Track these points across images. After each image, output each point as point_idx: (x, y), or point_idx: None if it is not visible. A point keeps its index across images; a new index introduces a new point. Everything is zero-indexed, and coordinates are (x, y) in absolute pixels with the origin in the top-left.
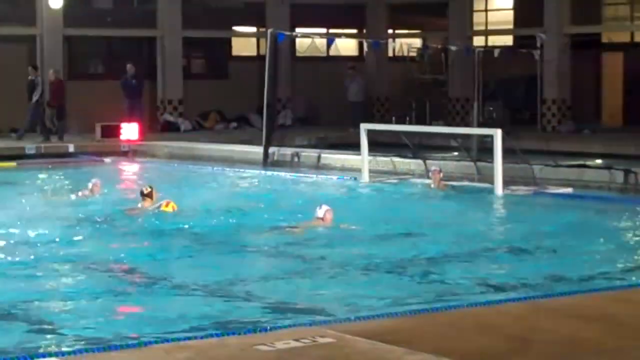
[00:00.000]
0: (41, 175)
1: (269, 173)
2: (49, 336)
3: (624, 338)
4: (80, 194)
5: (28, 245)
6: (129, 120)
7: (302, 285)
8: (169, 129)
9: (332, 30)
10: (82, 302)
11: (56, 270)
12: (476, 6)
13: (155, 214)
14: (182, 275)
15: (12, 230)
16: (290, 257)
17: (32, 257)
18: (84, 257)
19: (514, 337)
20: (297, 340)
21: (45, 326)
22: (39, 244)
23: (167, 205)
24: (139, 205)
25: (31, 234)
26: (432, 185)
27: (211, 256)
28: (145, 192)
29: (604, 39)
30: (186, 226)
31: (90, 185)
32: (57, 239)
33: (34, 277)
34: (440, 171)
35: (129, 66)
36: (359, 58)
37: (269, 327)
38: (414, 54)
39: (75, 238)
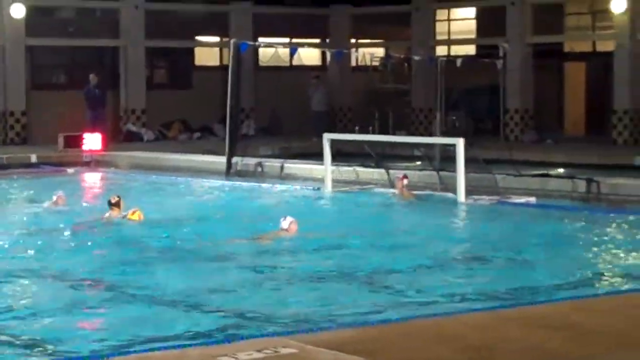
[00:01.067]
0: (3, 186)
1: (233, 183)
2: (8, 350)
3: (589, 347)
4: (45, 205)
5: None
6: (92, 131)
7: (265, 295)
8: (132, 139)
9: (295, 40)
10: (43, 315)
11: (18, 283)
12: (439, 16)
13: (121, 224)
14: (145, 285)
15: None
16: (253, 268)
17: None
18: (46, 269)
19: (477, 347)
20: (259, 351)
21: (6, 339)
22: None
23: (133, 214)
24: (107, 214)
25: None
26: (397, 192)
27: (174, 266)
28: (113, 201)
29: (566, 49)
30: (150, 236)
31: (54, 197)
32: (19, 250)
33: None
34: (404, 177)
35: (91, 76)
36: (322, 68)
37: (231, 338)
38: (377, 64)
39: (37, 249)
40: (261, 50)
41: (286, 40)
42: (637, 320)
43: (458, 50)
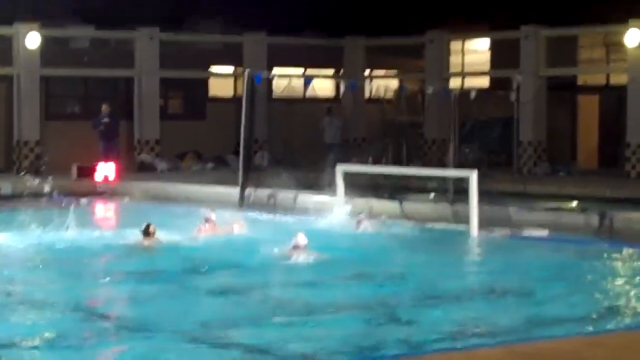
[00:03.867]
0: (17, 216)
1: (247, 214)
2: None
3: None
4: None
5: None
6: (105, 161)
7: (272, 329)
8: (146, 170)
9: (309, 71)
10: (40, 346)
11: (30, 312)
12: (453, 48)
13: (146, 254)
14: (149, 319)
15: None
16: (258, 299)
17: (5, 297)
18: (51, 300)
19: None
20: None
21: None
22: (13, 284)
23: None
24: (146, 242)
25: (6, 274)
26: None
27: (185, 298)
28: (150, 230)
29: (580, 82)
30: (166, 266)
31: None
32: (29, 280)
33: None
34: (362, 220)
35: (104, 106)
36: (336, 99)
37: None
38: (391, 96)
39: (43, 279)
40: (275, 81)
41: (300, 71)
42: None
43: (472, 82)
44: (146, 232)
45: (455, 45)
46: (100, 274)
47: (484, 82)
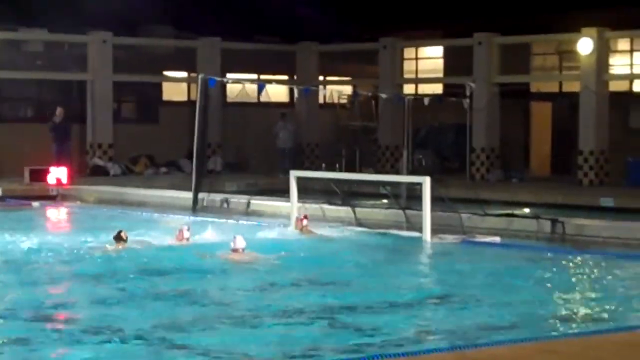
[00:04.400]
0: None
1: (198, 219)
2: None
3: None
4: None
5: None
6: (58, 164)
7: (219, 332)
8: (98, 173)
9: (263, 76)
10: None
11: None
12: (406, 54)
13: (118, 257)
14: (110, 322)
15: None
16: (221, 304)
17: None
18: (4, 302)
19: None
20: None
21: None
22: None
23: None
24: (111, 247)
25: None
26: (296, 230)
27: (153, 302)
28: (121, 235)
29: (533, 89)
30: (128, 270)
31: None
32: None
33: None
34: (305, 217)
35: (58, 110)
36: (290, 104)
37: None
38: (345, 101)
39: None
40: (229, 86)
41: (254, 76)
42: None
43: (425, 88)
44: (117, 238)
45: (408, 52)
46: (54, 278)
47: (437, 88)
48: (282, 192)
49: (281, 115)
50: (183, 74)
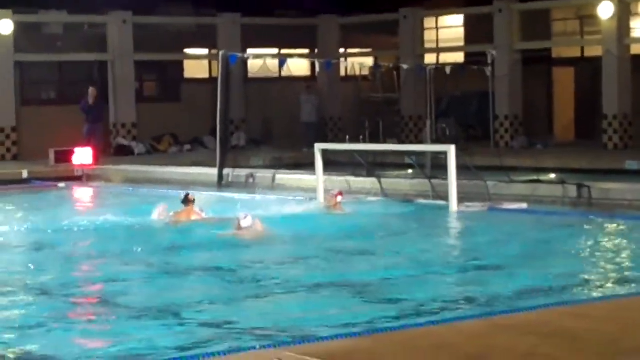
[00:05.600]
0: None
1: (225, 194)
2: None
3: (582, 353)
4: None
5: None
6: (88, 144)
7: (257, 306)
8: (123, 153)
9: (284, 51)
10: (23, 328)
11: (6, 295)
12: (427, 24)
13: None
14: (132, 298)
15: None
16: (241, 278)
17: None
18: (32, 282)
19: (471, 356)
20: None
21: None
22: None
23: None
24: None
25: None
26: (329, 207)
27: (163, 278)
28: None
29: (555, 55)
30: (139, 248)
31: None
32: (6, 264)
33: None
34: (339, 194)
35: (91, 89)
36: (312, 78)
37: (226, 351)
38: (366, 73)
39: (27, 263)
40: (250, 62)
41: (275, 51)
42: (629, 325)
43: (447, 58)
44: (185, 201)
45: (429, 22)
46: (83, 257)
47: (459, 57)
48: (307, 166)
49: (306, 87)
50: (204, 51)
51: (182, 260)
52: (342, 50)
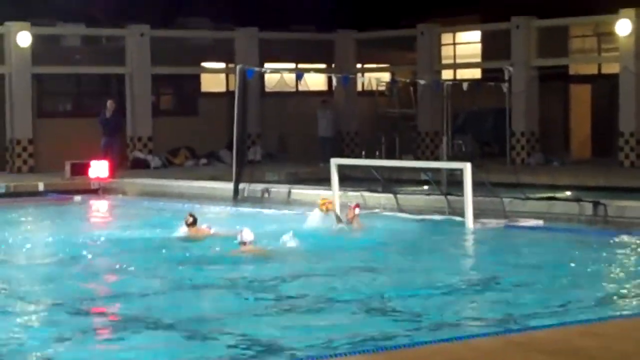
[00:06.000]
0: (13, 215)
1: (240, 209)
2: None
3: None
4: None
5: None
6: (105, 157)
7: (272, 321)
8: (139, 166)
9: (300, 65)
10: (40, 341)
11: (25, 309)
12: (444, 40)
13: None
14: (148, 313)
15: None
16: (256, 293)
17: (5, 295)
18: (48, 296)
19: None
20: None
21: None
22: (11, 282)
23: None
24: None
25: (4, 272)
26: (346, 221)
27: (178, 292)
28: (189, 222)
29: (572, 71)
30: (155, 262)
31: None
32: (24, 277)
33: (6, 314)
34: (357, 206)
35: (109, 102)
36: (328, 93)
37: None
38: (383, 89)
39: (46, 276)
40: (267, 76)
41: (292, 65)
42: None
43: (464, 74)
44: (188, 225)
45: (446, 38)
46: (100, 270)
47: (476, 73)
48: (323, 182)
49: (321, 103)
50: (221, 65)
51: (196, 275)
52: (359, 65)
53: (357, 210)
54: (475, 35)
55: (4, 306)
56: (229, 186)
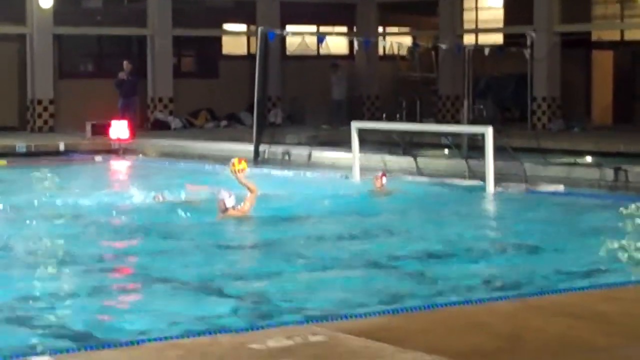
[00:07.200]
0: (35, 174)
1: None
2: (41, 334)
3: (614, 336)
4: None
5: (20, 243)
6: (122, 118)
7: (292, 282)
8: (160, 127)
9: (322, 29)
10: (73, 300)
11: (46, 269)
12: (466, 5)
13: (144, 210)
14: (170, 272)
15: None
16: (276, 254)
17: (24, 255)
18: (75, 256)
19: (505, 336)
20: (288, 338)
21: (38, 324)
22: (30, 242)
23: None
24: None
25: (23, 232)
26: (373, 189)
27: (196, 253)
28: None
29: (594, 38)
30: (175, 223)
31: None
32: (47, 237)
33: (26, 275)
34: (383, 175)
35: (125, 63)
36: (350, 56)
37: (260, 326)
38: (404, 53)
39: (67, 236)
40: (288, 39)
41: (313, 28)
42: None
43: (485, 39)
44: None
45: (468, 2)
46: (124, 230)
47: (497, 38)
48: (343, 144)
49: (331, 66)
50: (242, 28)
51: (216, 237)
52: (380, 29)
53: (384, 180)
54: (497, 0)
55: (27, 264)
56: (249, 148)
